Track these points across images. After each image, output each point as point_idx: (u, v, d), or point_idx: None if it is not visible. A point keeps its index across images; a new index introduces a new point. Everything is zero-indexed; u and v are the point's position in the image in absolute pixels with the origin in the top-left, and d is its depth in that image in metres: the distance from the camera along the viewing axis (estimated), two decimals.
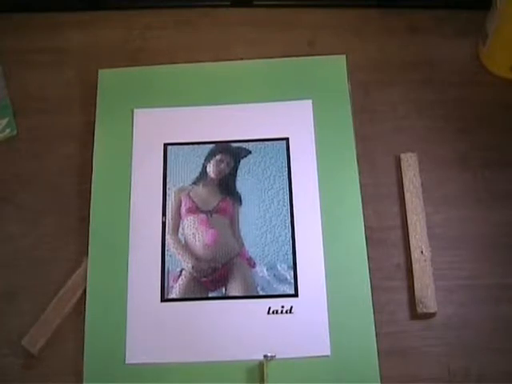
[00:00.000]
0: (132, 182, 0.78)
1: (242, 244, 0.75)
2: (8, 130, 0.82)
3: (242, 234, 0.75)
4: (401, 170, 0.77)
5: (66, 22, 0.87)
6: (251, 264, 0.74)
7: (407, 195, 0.76)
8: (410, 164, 0.78)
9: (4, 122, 0.81)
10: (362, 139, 0.79)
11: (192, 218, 0.76)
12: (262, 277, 0.74)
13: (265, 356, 0.70)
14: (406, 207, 0.76)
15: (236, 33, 0.86)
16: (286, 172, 0.77)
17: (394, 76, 0.83)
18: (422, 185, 0.77)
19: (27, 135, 0.82)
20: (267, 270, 0.74)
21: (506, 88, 0.82)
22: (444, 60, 0.84)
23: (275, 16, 0.87)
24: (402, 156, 0.78)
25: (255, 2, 0.88)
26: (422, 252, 0.74)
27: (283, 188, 0.76)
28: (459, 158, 0.79)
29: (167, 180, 0.78)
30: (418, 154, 0.78)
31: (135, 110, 0.81)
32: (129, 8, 0.88)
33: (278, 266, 0.74)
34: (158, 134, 0.80)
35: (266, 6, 0.88)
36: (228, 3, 0.88)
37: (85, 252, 0.75)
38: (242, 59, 0.84)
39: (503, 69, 0.82)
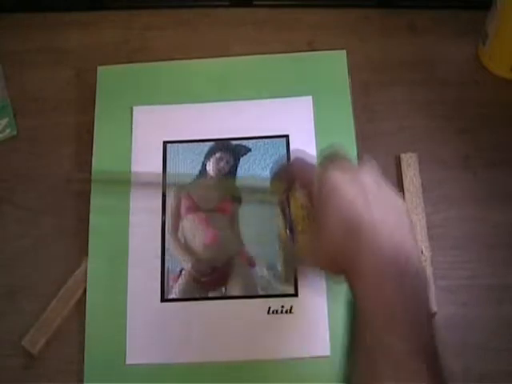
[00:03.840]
0: (131, 181, 0.77)
1: (242, 243, 0.75)
2: (8, 130, 0.82)
3: (241, 233, 0.75)
4: (401, 169, 0.77)
5: (65, 22, 0.87)
6: (251, 263, 0.74)
7: (407, 195, 0.76)
8: (410, 164, 0.78)
9: (4, 122, 0.81)
10: (362, 139, 0.79)
11: (192, 217, 0.76)
12: (262, 276, 0.74)
13: None
14: None
15: (236, 33, 0.86)
16: None
17: (394, 76, 0.83)
18: (422, 185, 0.77)
19: (27, 135, 0.82)
20: (267, 269, 0.74)
21: (506, 88, 0.82)
22: (444, 60, 0.84)
23: (275, 16, 0.87)
24: (402, 156, 0.78)
25: (255, 2, 0.88)
26: (421, 252, 0.74)
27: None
28: (459, 157, 0.79)
29: (167, 178, 0.78)
30: (418, 154, 0.78)
31: (134, 108, 0.81)
32: (128, 8, 0.88)
33: (278, 266, 0.74)
34: (158, 131, 0.80)
35: (266, 6, 0.88)
36: (228, 3, 0.88)
37: (85, 252, 0.75)
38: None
39: (503, 69, 0.82)
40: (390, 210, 0.58)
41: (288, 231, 0.64)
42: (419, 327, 0.54)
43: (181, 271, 0.74)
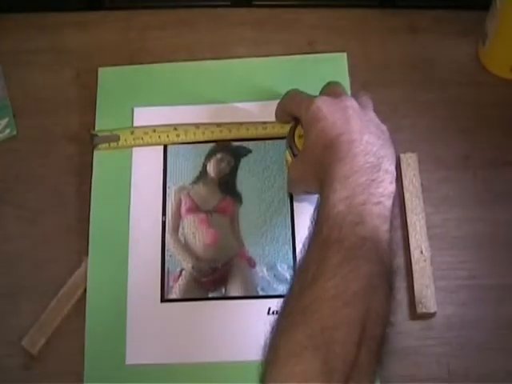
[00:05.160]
0: (132, 182, 0.77)
1: (242, 244, 0.75)
2: (8, 130, 0.82)
3: (241, 233, 0.75)
4: (400, 170, 0.77)
5: (65, 22, 0.87)
6: (251, 264, 0.74)
7: (407, 195, 0.76)
8: (410, 164, 0.78)
9: (4, 122, 0.81)
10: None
11: (192, 217, 0.76)
12: (262, 277, 0.74)
13: None
14: (406, 207, 0.76)
15: (236, 33, 0.86)
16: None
17: (394, 76, 0.83)
18: (422, 185, 0.77)
19: (27, 135, 0.82)
20: (267, 270, 0.74)
21: (506, 88, 0.82)
22: (444, 60, 0.84)
23: (275, 16, 0.87)
24: (402, 156, 0.78)
25: (255, 2, 0.88)
26: (421, 252, 0.74)
27: (284, 187, 0.76)
28: (459, 157, 0.79)
29: (167, 179, 0.77)
30: (417, 154, 0.78)
31: (135, 109, 0.81)
32: (128, 8, 0.88)
33: (278, 266, 0.74)
34: None
35: (266, 6, 0.88)
36: (228, 3, 0.88)
37: (85, 252, 0.75)
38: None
39: (503, 69, 0.82)
40: (372, 128, 0.65)
41: (293, 158, 0.71)
42: (374, 228, 0.58)
43: (181, 271, 0.74)
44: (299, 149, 0.71)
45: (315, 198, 0.71)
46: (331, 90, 0.70)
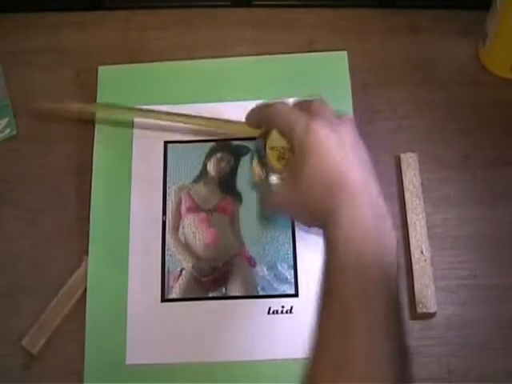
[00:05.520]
0: (132, 181, 0.77)
1: (243, 243, 0.75)
2: (8, 130, 0.82)
3: (242, 232, 0.75)
4: (401, 169, 0.77)
5: (65, 22, 0.87)
6: (251, 263, 0.74)
7: (407, 195, 0.76)
8: (410, 164, 0.78)
9: (4, 122, 0.81)
10: (362, 139, 0.78)
11: (192, 216, 0.76)
12: (263, 276, 0.74)
13: None
14: (406, 207, 0.76)
15: (236, 33, 0.86)
16: None
17: (394, 76, 0.83)
18: (422, 185, 0.77)
19: (27, 135, 0.82)
20: (267, 269, 0.74)
21: (506, 88, 0.82)
22: (444, 60, 0.84)
23: (275, 16, 0.87)
24: (402, 156, 0.78)
25: (255, 2, 0.88)
26: (421, 252, 0.74)
27: None
28: (459, 157, 0.79)
29: (167, 178, 0.77)
30: (418, 154, 0.78)
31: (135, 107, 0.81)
32: (128, 8, 0.88)
33: (279, 266, 0.74)
34: (159, 131, 0.79)
35: (266, 6, 0.88)
36: (228, 3, 0.88)
37: (85, 252, 0.75)
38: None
39: (503, 69, 0.82)
40: (369, 168, 0.62)
41: (263, 171, 0.70)
42: (387, 277, 0.57)
43: (181, 271, 0.74)
44: (271, 161, 0.68)
45: None
46: (319, 110, 0.65)
